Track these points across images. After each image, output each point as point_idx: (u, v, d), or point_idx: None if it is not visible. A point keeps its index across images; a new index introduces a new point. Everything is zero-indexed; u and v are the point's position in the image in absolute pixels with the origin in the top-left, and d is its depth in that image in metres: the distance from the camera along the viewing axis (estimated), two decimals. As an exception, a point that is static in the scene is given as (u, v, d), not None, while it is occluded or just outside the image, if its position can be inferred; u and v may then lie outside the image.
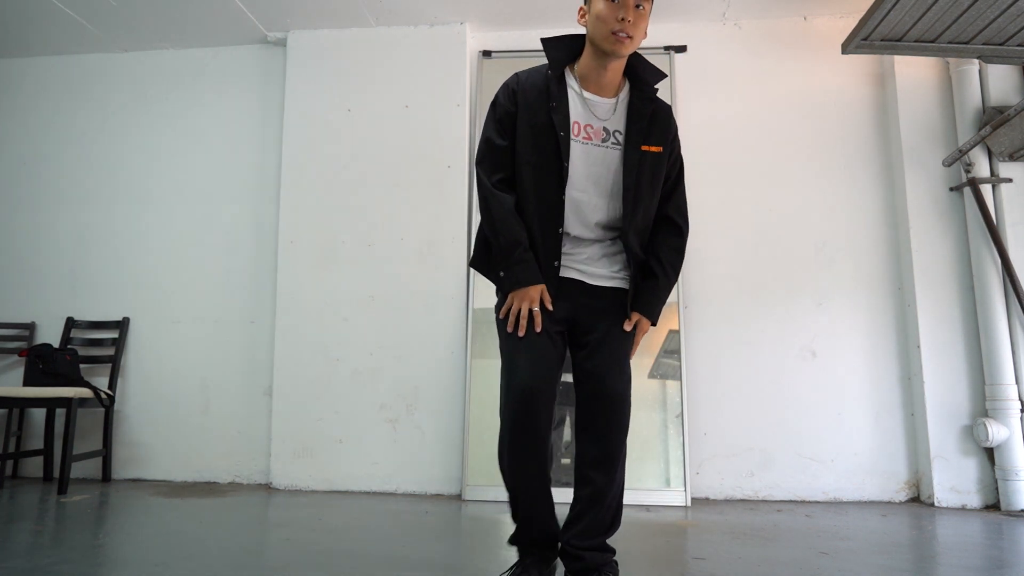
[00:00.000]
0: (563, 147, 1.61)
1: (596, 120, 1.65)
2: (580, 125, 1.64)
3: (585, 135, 1.64)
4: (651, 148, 1.65)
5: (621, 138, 1.66)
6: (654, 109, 1.69)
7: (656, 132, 1.67)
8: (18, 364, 3.53)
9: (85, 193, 3.68)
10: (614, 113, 1.66)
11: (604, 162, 1.65)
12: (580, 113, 1.65)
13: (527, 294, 1.61)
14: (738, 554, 2.01)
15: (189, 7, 3.35)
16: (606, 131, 1.65)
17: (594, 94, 1.67)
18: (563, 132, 1.61)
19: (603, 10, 1.58)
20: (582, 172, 1.64)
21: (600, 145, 1.65)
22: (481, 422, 3.05)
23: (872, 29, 2.55)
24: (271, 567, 1.82)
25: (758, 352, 3.11)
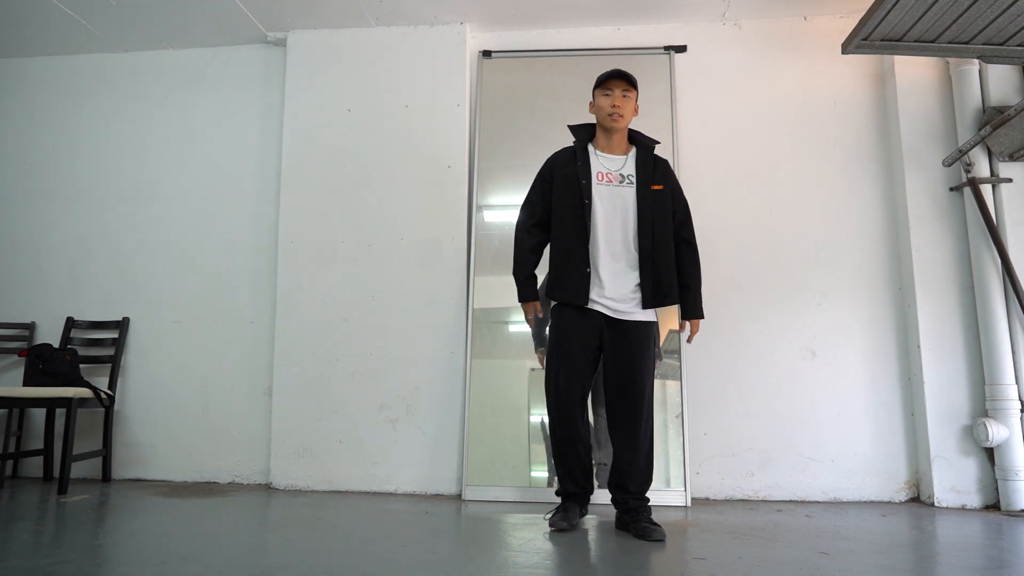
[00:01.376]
0: (584, 191, 2.34)
1: (613, 169, 2.40)
2: (602, 173, 2.39)
3: (607, 179, 2.38)
4: (656, 187, 2.37)
5: (634, 180, 2.38)
6: (655, 160, 2.43)
7: (658, 176, 2.40)
8: (18, 364, 3.53)
9: (85, 193, 3.68)
10: (624, 164, 2.41)
11: (622, 197, 2.36)
12: (600, 166, 2.40)
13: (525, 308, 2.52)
14: (738, 554, 2.01)
15: (189, 7, 3.35)
16: (621, 176, 2.39)
17: (608, 154, 2.43)
18: (584, 180, 2.35)
19: (601, 101, 2.41)
20: (603, 208, 2.35)
21: (618, 185, 2.38)
22: (481, 422, 3.05)
23: (872, 29, 2.55)
24: (271, 567, 1.82)
25: (758, 352, 3.12)
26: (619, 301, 2.31)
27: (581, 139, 2.45)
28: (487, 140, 3.36)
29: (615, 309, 2.32)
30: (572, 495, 2.41)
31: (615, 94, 2.37)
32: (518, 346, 3.15)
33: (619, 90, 2.38)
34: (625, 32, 3.45)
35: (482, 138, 3.37)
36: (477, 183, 3.32)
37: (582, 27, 3.47)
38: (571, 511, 2.37)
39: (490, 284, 3.20)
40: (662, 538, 2.19)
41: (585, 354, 2.34)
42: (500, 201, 3.34)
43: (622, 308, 2.32)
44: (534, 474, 2.98)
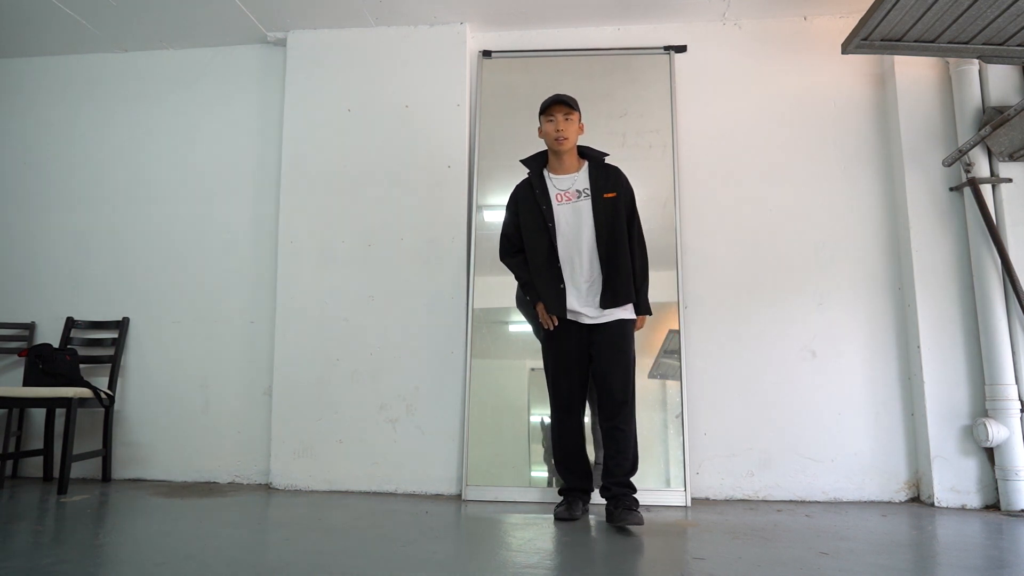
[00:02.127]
0: (547, 215, 2.55)
1: (569, 187, 2.58)
2: (560, 194, 2.58)
3: (566, 197, 2.57)
4: (609, 195, 2.55)
5: (589, 192, 2.56)
6: (606, 170, 2.60)
7: (610, 184, 2.57)
8: (18, 364, 3.53)
9: (85, 193, 3.68)
10: (577, 180, 2.59)
11: (581, 211, 2.54)
12: (556, 188, 2.59)
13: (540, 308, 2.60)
14: (738, 554, 2.01)
15: (189, 7, 3.35)
16: (578, 191, 2.57)
17: (561, 175, 2.61)
18: (545, 205, 2.55)
19: (546, 127, 2.57)
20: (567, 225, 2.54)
21: (576, 200, 2.56)
22: (481, 422, 3.05)
23: (872, 29, 2.55)
24: (271, 567, 1.81)
25: (758, 352, 3.11)
26: (592, 308, 2.50)
27: (535, 168, 2.63)
28: (487, 140, 3.36)
29: (590, 316, 2.50)
30: (573, 490, 2.59)
31: (558, 119, 2.53)
32: (518, 346, 3.15)
33: (560, 115, 2.53)
34: (625, 32, 3.45)
35: (482, 138, 3.37)
36: (477, 183, 3.32)
37: (582, 27, 3.47)
38: (574, 504, 2.53)
39: (490, 284, 3.20)
40: (639, 523, 2.32)
41: (574, 358, 2.53)
42: (500, 201, 3.33)
43: (594, 314, 2.50)
44: (534, 474, 2.98)
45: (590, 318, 2.50)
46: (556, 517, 2.51)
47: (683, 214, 3.22)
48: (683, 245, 3.19)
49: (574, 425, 2.57)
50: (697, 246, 3.21)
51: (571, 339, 2.53)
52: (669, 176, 3.22)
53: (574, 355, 2.53)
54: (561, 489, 2.64)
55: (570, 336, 2.53)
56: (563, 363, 2.54)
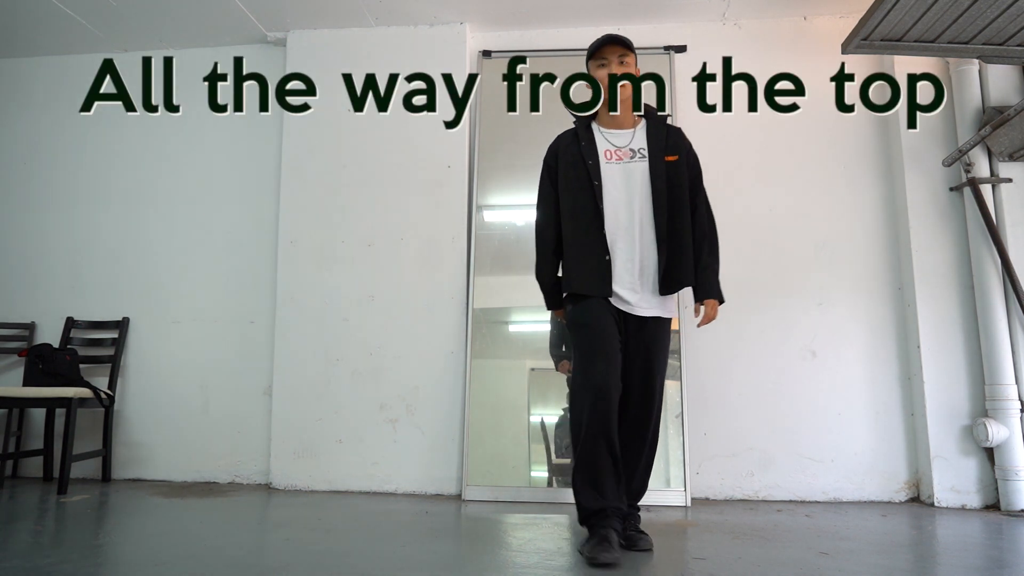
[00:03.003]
0: (592, 171, 2.09)
1: (622, 145, 2.15)
2: (611, 151, 2.14)
3: (617, 156, 2.13)
4: (671, 158, 2.12)
5: (646, 153, 2.13)
6: (668, 130, 2.18)
7: (671, 145, 2.15)
8: (18, 364, 3.53)
9: (85, 193, 3.68)
10: (634, 137, 2.16)
11: (634, 174, 2.11)
12: (607, 144, 2.16)
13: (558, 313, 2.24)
14: (738, 554, 2.01)
15: (189, 7, 3.35)
16: (632, 150, 2.14)
17: (614, 129, 2.18)
18: (591, 160, 2.11)
19: (598, 74, 2.15)
20: (615, 188, 2.10)
21: (629, 161, 2.12)
22: (481, 422, 3.05)
23: (872, 29, 2.55)
24: (271, 567, 1.81)
25: (758, 352, 3.11)
26: (639, 294, 2.06)
27: (584, 120, 2.21)
28: (487, 140, 3.36)
29: (634, 304, 2.06)
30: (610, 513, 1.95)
31: (611, 63, 2.11)
32: (518, 346, 3.15)
33: (615, 57, 2.12)
34: (625, 32, 3.45)
35: (482, 138, 3.37)
36: (477, 183, 3.32)
37: (582, 27, 3.47)
38: (611, 537, 1.90)
39: (490, 284, 3.20)
40: (649, 548, 2.04)
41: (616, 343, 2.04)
42: (500, 201, 3.34)
43: (641, 303, 2.06)
44: (534, 474, 2.98)
45: (633, 307, 2.05)
46: (594, 562, 1.84)
47: (683, 214, 3.22)
48: (683, 245, 3.19)
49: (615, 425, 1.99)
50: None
51: (611, 317, 2.04)
52: (669, 176, 3.22)
53: (616, 341, 2.03)
54: (589, 515, 1.96)
55: (611, 317, 2.04)
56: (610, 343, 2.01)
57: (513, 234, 3.25)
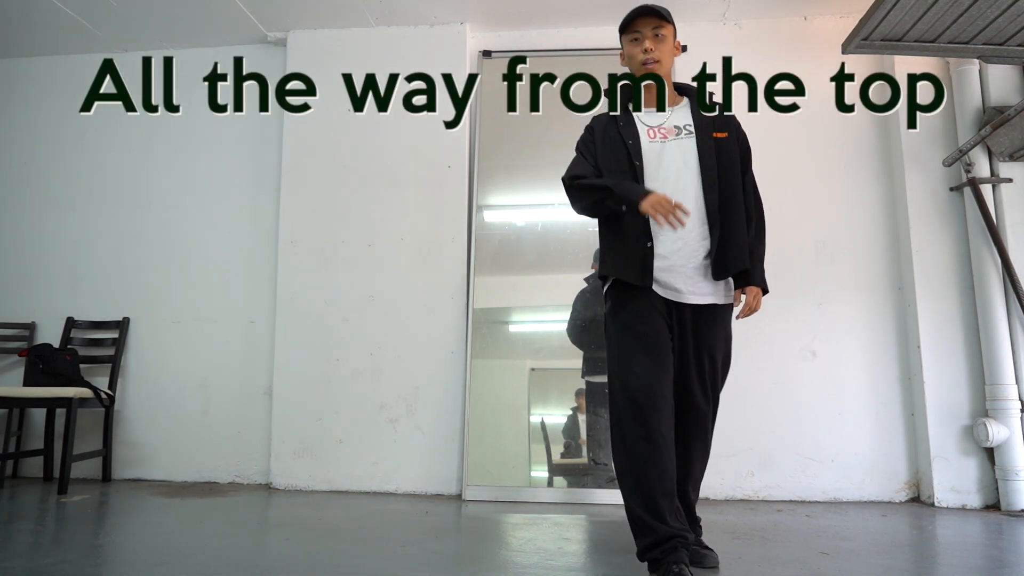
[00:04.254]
0: (633, 152, 1.90)
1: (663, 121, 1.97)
2: (652, 129, 1.95)
3: (661, 135, 1.94)
4: (719, 135, 1.96)
5: (692, 128, 1.95)
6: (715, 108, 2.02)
7: (720, 122, 1.98)
8: (18, 364, 3.53)
9: (85, 193, 3.68)
10: (673, 114, 1.98)
11: (680, 151, 1.91)
12: (647, 122, 1.97)
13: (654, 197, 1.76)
14: (738, 554, 2.01)
15: (189, 7, 3.35)
16: (676, 127, 1.96)
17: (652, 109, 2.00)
18: (632, 140, 1.92)
19: (632, 50, 1.97)
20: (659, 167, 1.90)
21: (676, 139, 1.93)
22: (481, 422, 3.05)
23: (872, 29, 2.55)
24: (271, 567, 1.81)
25: (758, 352, 3.11)
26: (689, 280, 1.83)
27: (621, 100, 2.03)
28: (487, 140, 3.36)
29: (684, 291, 1.83)
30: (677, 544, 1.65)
31: (645, 36, 1.92)
32: (518, 346, 3.15)
33: (649, 29, 1.92)
34: (625, 32, 3.45)
35: (482, 138, 3.37)
36: (477, 183, 3.32)
37: (582, 27, 3.47)
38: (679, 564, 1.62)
39: (490, 284, 3.20)
40: (715, 565, 1.85)
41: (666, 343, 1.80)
42: (500, 201, 3.34)
43: (692, 289, 1.83)
44: (534, 474, 2.98)
45: (684, 295, 1.82)
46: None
47: (683, 214, 3.22)
48: (683, 245, 3.19)
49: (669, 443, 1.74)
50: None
51: (659, 318, 1.81)
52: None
53: (665, 338, 1.80)
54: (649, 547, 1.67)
55: (658, 314, 1.81)
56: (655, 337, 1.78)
57: (513, 234, 3.25)
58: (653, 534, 1.67)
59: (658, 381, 1.75)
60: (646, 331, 1.79)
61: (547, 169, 3.17)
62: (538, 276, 3.10)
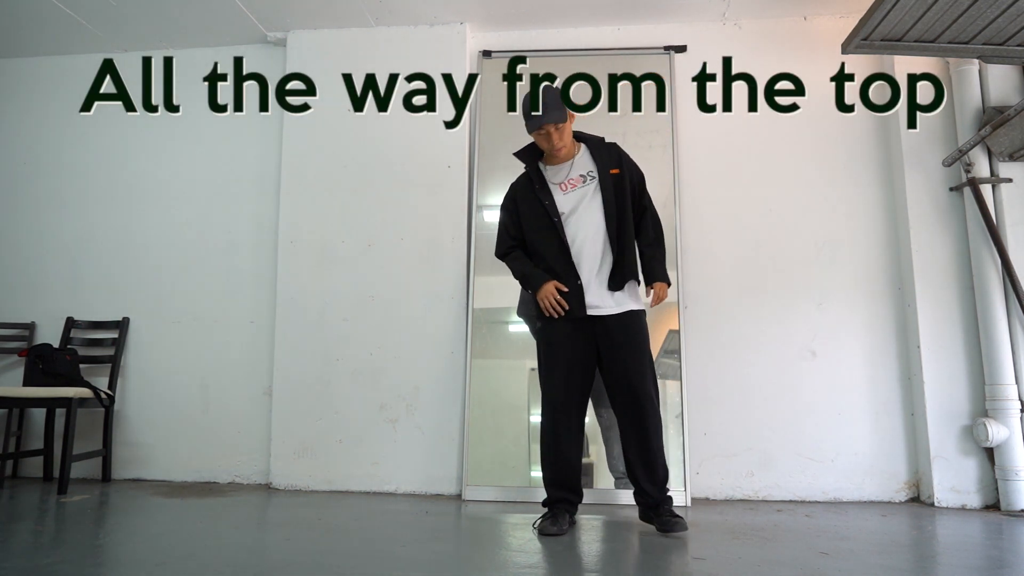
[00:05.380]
0: (551, 210, 2.37)
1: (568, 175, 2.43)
2: (564, 183, 2.42)
3: (571, 185, 2.41)
4: (614, 171, 2.41)
5: (595, 172, 2.41)
6: (608, 148, 2.47)
7: (612, 160, 2.43)
8: (18, 364, 3.53)
9: (85, 193, 3.68)
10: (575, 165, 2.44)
11: (588, 195, 2.38)
12: (559, 177, 2.43)
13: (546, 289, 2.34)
14: (738, 554, 2.01)
15: (189, 7, 3.35)
16: (582, 176, 2.42)
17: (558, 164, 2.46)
18: (548, 201, 2.38)
19: (540, 141, 2.41)
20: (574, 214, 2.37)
21: (583, 186, 2.40)
22: (481, 422, 3.05)
23: (872, 29, 2.55)
24: (271, 567, 1.81)
25: (758, 352, 3.11)
26: (606, 296, 2.33)
27: (530, 162, 2.47)
28: (487, 140, 3.36)
29: (602, 306, 2.32)
30: (562, 501, 2.36)
31: (551, 135, 2.36)
32: (518, 346, 3.15)
33: (552, 127, 2.34)
34: (625, 32, 3.45)
35: (482, 138, 3.37)
36: (477, 183, 3.32)
37: (582, 27, 3.47)
38: (560, 517, 2.31)
39: (490, 284, 3.20)
40: (684, 529, 2.23)
41: (580, 359, 2.34)
42: (500, 201, 3.33)
43: (609, 303, 2.33)
44: (534, 474, 2.98)
45: (602, 309, 2.32)
46: (541, 532, 2.26)
47: (683, 214, 3.22)
48: (683, 245, 3.19)
49: (576, 429, 2.36)
50: (697, 246, 3.21)
51: (581, 334, 2.33)
52: (669, 176, 3.22)
53: (584, 352, 2.34)
54: (547, 500, 2.40)
55: (581, 331, 2.33)
56: (574, 360, 2.33)
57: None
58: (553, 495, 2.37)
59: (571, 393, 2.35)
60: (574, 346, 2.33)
61: (547, 169, 3.16)
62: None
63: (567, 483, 2.36)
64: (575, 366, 2.34)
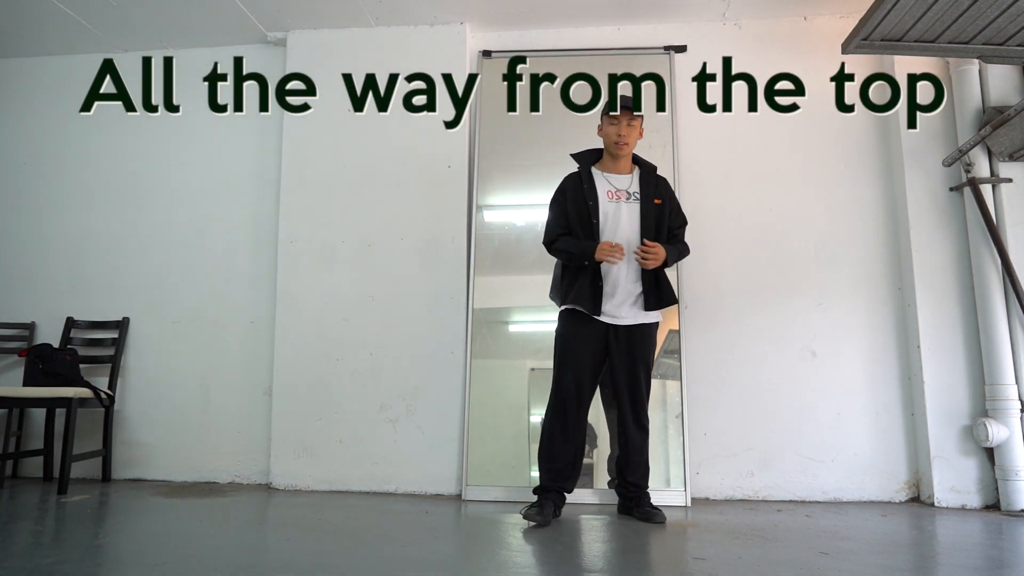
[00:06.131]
0: (592, 211, 2.54)
1: (621, 187, 2.60)
2: (611, 192, 2.59)
3: (616, 197, 2.58)
4: (657, 201, 2.60)
5: (639, 196, 2.59)
6: (657, 179, 2.66)
7: (659, 192, 2.63)
8: (18, 364, 3.53)
9: (85, 193, 3.68)
10: (631, 183, 2.62)
11: (629, 212, 2.57)
12: (608, 185, 2.60)
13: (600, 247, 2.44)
14: (738, 554, 2.01)
15: (189, 7, 3.35)
16: (628, 192, 2.60)
17: (614, 174, 2.63)
18: (592, 201, 2.55)
19: (608, 129, 2.59)
20: (612, 222, 2.54)
21: (626, 202, 2.58)
22: (481, 422, 3.05)
23: (872, 29, 2.55)
24: (271, 567, 1.81)
25: (758, 352, 3.11)
26: (626, 308, 2.51)
27: (585, 164, 2.64)
28: (487, 140, 3.36)
29: (621, 316, 2.50)
30: (551, 490, 2.51)
31: (621, 123, 2.55)
32: (518, 346, 3.15)
33: (625, 119, 2.55)
34: (625, 32, 3.45)
35: (482, 138, 3.37)
36: (477, 183, 3.32)
37: (582, 27, 3.47)
38: (546, 507, 2.44)
39: (490, 284, 3.20)
40: (663, 520, 2.44)
41: (593, 356, 2.51)
42: (500, 201, 3.34)
43: (627, 314, 2.51)
44: (534, 474, 2.97)
45: (620, 319, 2.50)
46: (525, 517, 2.40)
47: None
48: (683, 245, 3.19)
49: (580, 425, 2.52)
50: (697, 245, 3.20)
51: (597, 337, 2.51)
52: (669, 176, 3.21)
53: (597, 354, 2.52)
54: (539, 488, 2.54)
55: (596, 334, 2.51)
56: (585, 355, 2.51)
57: (513, 234, 3.26)
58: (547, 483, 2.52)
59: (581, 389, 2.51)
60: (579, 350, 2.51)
61: (547, 169, 3.16)
62: (538, 276, 3.09)
63: (562, 475, 2.51)
64: (587, 365, 2.51)
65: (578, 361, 2.51)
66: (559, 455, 2.51)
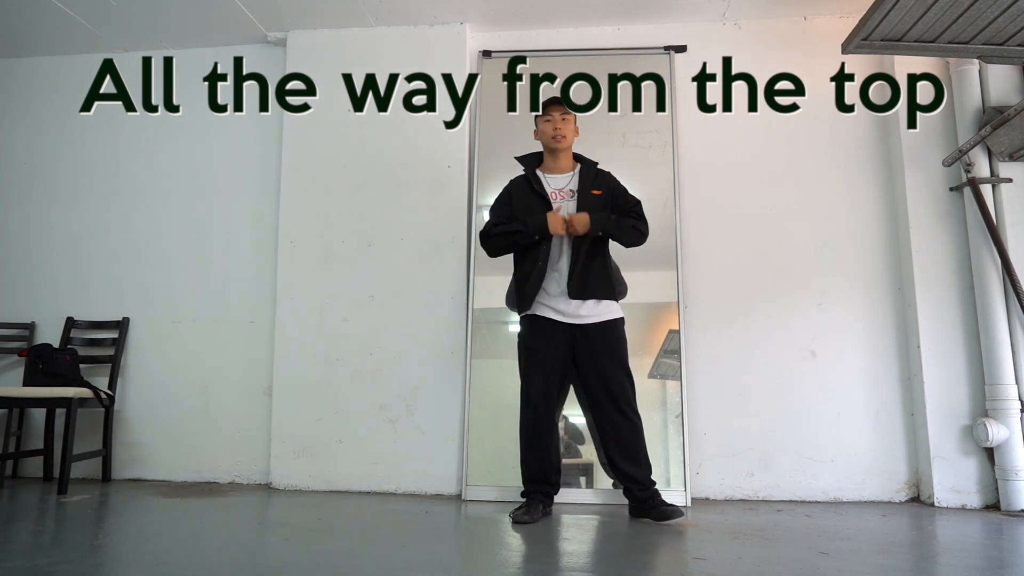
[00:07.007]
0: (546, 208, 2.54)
1: (563, 186, 2.63)
2: (556, 192, 2.62)
3: (560, 196, 2.61)
4: (596, 192, 2.59)
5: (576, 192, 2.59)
6: (597, 173, 2.66)
7: (598, 183, 2.62)
8: (18, 364, 3.53)
9: (85, 193, 3.68)
10: (570, 181, 2.64)
11: (568, 210, 2.55)
12: (551, 187, 2.63)
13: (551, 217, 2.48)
14: (738, 554, 2.01)
15: (189, 7, 3.35)
16: (571, 191, 2.61)
17: (556, 174, 2.66)
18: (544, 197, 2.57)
19: (543, 127, 2.64)
20: None
21: (568, 200, 2.59)
22: (481, 422, 3.05)
23: (872, 29, 2.55)
24: (271, 567, 1.81)
25: (758, 352, 3.11)
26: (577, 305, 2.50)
27: (530, 167, 2.67)
28: (487, 140, 3.36)
29: (577, 315, 2.51)
30: (536, 492, 2.55)
31: (555, 119, 2.59)
32: (518, 346, 3.14)
33: (558, 114, 2.60)
34: (625, 32, 3.45)
35: (482, 138, 3.37)
36: (477, 183, 3.32)
37: (582, 27, 3.47)
38: (534, 507, 2.48)
39: (490, 284, 3.19)
40: (680, 515, 2.39)
41: (556, 358, 2.52)
42: (500, 201, 3.33)
43: (581, 313, 2.51)
44: (534, 474, 2.97)
45: (578, 317, 2.50)
46: (515, 521, 2.43)
47: (683, 214, 3.22)
48: (683, 245, 3.19)
49: (552, 427, 2.57)
50: (697, 246, 3.21)
51: (557, 339, 2.52)
52: (669, 176, 3.22)
53: (561, 355, 2.52)
54: (525, 492, 2.59)
55: (556, 336, 2.52)
56: (547, 359, 2.52)
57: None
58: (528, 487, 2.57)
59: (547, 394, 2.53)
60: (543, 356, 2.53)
61: (547, 169, 3.16)
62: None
63: (544, 477, 2.57)
64: (553, 368, 2.52)
65: (543, 364, 2.53)
66: (535, 459, 2.56)
